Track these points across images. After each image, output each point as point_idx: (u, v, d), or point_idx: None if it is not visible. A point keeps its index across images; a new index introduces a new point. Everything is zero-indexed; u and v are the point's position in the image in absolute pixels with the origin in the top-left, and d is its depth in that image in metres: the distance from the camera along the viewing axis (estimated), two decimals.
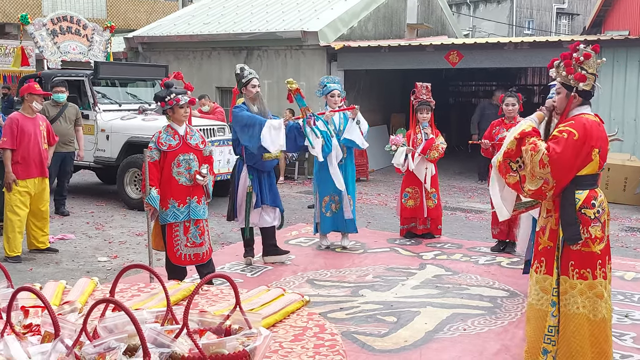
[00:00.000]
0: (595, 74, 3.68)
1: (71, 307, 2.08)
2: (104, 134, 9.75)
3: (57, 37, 10.82)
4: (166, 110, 5.03)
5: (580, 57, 3.61)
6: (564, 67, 3.65)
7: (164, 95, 4.97)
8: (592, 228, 3.58)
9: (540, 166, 3.49)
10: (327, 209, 6.75)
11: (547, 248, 3.68)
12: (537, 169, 3.51)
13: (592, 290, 3.59)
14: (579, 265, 3.58)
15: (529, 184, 3.56)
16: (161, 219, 5.03)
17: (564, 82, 3.66)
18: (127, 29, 19.39)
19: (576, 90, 3.62)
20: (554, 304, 3.64)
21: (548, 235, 3.68)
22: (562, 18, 34.97)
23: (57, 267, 6.26)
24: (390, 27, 15.58)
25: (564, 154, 3.47)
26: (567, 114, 3.67)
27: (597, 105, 11.10)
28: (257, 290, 2.54)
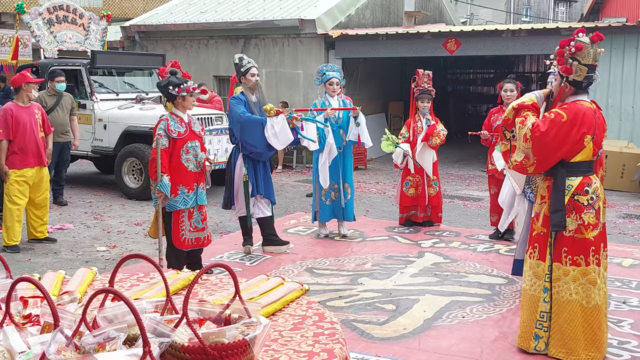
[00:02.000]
0: (593, 63, 3.67)
1: (70, 297, 2.08)
2: (101, 124, 9.72)
3: (53, 26, 10.76)
4: (177, 97, 5.05)
5: (572, 49, 3.65)
6: (557, 56, 3.73)
7: (180, 82, 5.00)
8: (585, 215, 3.61)
9: (523, 140, 3.65)
10: (327, 197, 6.75)
11: (541, 234, 3.74)
12: (521, 142, 3.67)
13: (585, 277, 3.63)
14: (572, 252, 3.62)
15: (516, 154, 3.74)
16: (169, 205, 5.09)
17: (558, 71, 3.76)
18: (123, 17, 19.29)
19: (567, 80, 3.69)
20: (546, 289, 3.69)
21: (542, 221, 3.73)
22: (559, 5, 34.85)
23: (56, 257, 6.27)
24: (388, 14, 15.51)
25: (547, 133, 3.57)
26: (559, 101, 3.76)
27: (595, 92, 11.10)
28: (256, 280, 2.55)
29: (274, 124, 5.79)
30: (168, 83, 5.04)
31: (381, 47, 12.70)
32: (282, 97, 12.91)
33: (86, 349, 1.51)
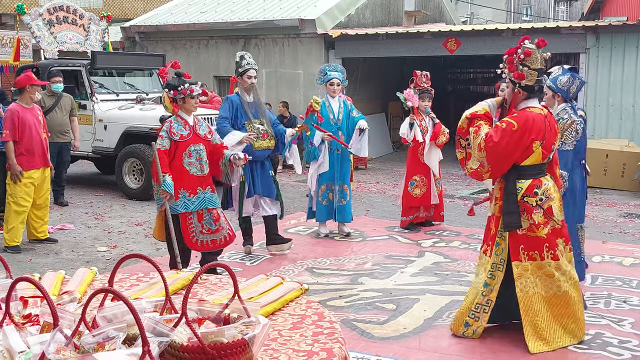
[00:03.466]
0: (542, 67, 3.88)
1: (70, 297, 2.08)
2: (101, 124, 9.73)
3: (53, 27, 10.76)
4: (177, 99, 4.98)
5: (521, 55, 3.85)
6: (507, 63, 3.91)
7: (178, 84, 4.93)
8: (534, 215, 3.88)
9: (478, 149, 3.85)
10: (324, 197, 6.76)
11: (492, 232, 4.01)
12: (475, 151, 3.88)
13: (541, 270, 3.90)
14: (527, 248, 3.89)
15: (471, 162, 3.95)
16: (172, 208, 5.00)
17: (509, 77, 3.94)
18: (123, 18, 19.29)
19: (519, 86, 3.88)
20: (486, 285, 3.98)
21: (494, 221, 4.00)
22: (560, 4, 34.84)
23: (57, 257, 6.27)
24: (388, 14, 15.51)
25: (499, 143, 3.78)
26: (514, 106, 3.94)
27: (595, 92, 11.11)
28: (255, 279, 2.55)
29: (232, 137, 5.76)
30: (167, 85, 5.02)
31: (381, 47, 12.70)
32: (282, 97, 12.91)
33: (85, 348, 1.52)
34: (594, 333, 4.20)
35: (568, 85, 4.91)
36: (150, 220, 7.84)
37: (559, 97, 4.93)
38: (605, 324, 4.38)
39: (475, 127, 3.91)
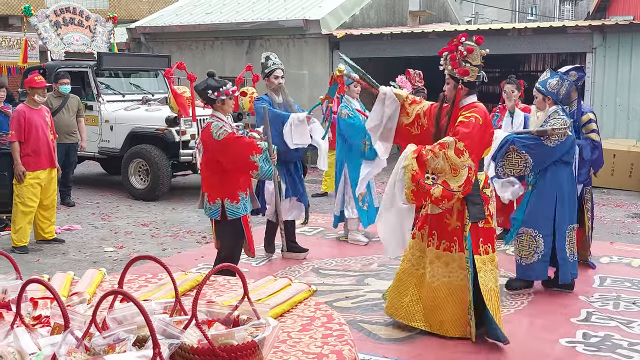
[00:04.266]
0: (481, 64, 3.95)
1: (80, 298, 2.08)
2: (108, 125, 9.75)
3: (60, 28, 10.81)
4: (217, 101, 4.59)
5: (464, 52, 3.89)
6: (450, 60, 3.94)
7: (219, 85, 4.64)
8: (490, 206, 3.95)
9: (458, 155, 3.68)
10: (364, 202, 6.52)
11: (457, 228, 3.96)
12: (457, 161, 3.69)
13: (492, 263, 3.99)
14: (485, 241, 3.93)
15: (455, 182, 3.70)
16: (232, 213, 4.59)
17: (451, 74, 3.95)
18: (129, 19, 19.34)
19: (462, 82, 3.92)
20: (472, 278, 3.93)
21: (456, 215, 3.94)
22: (565, 3, 34.73)
23: (64, 257, 6.29)
24: (393, 14, 15.49)
25: (474, 135, 3.76)
26: (458, 103, 3.95)
27: (602, 91, 11.05)
28: (264, 280, 2.55)
29: (293, 121, 5.57)
30: (206, 87, 4.61)
31: (386, 47, 12.68)
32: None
33: (96, 350, 1.52)
34: (603, 335, 4.18)
35: (557, 87, 4.93)
36: (157, 221, 7.85)
37: (549, 100, 4.94)
38: (615, 325, 4.36)
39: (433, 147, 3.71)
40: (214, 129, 4.47)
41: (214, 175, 4.59)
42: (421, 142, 4.09)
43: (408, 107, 4.21)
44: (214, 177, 4.59)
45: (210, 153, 4.55)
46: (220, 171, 4.57)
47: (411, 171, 3.67)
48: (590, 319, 4.49)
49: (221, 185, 4.58)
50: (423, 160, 3.68)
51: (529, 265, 4.96)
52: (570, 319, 4.49)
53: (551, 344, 4.08)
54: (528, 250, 4.93)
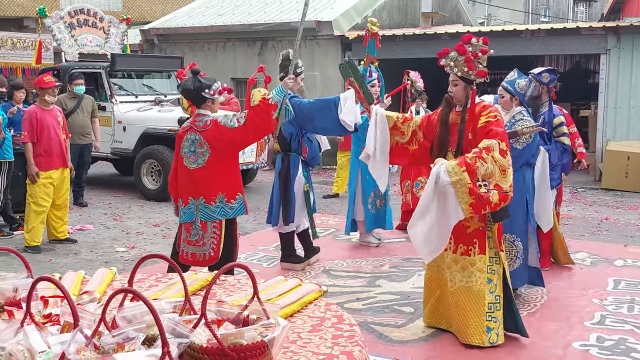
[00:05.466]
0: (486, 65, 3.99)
1: (90, 297, 2.08)
2: (120, 126, 9.80)
3: (74, 30, 10.89)
4: (208, 99, 4.48)
5: (478, 54, 3.89)
6: (465, 62, 3.89)
7: (211, 83, 4.49)
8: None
9: (503, 155, 3.68)
10: (373, 205, 6.43)
11: (479, 229, 3.89)
12: (503, 161, 3.67)
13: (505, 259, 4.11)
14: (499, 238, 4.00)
15: (506, 183, 3.68)
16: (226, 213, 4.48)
17: (463, 76, 3.90)
18: (142, 21, 19.45)
19: (475, 83, 3.93)
20: (490, 281, 3.90)
21: (478, 217, 3.85)
22: (579, 5, 34.50)
23: (76, 257, 6.32)
24: (405, 16, 15.45)
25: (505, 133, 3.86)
26: (473, 103, 3.91)
27: (617, 93, 10.95)
28: (274, 280, 2.53)
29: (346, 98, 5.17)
30: (201, 85, 4.45)
31: (398, 48, 12.64)
32: None
33: (105, 349, 1.51)
34: (618, 338, 4.14)
35: (526, 88, 4.91)
36: (168, 222, 7.88)
37: (517, 100, 4.87)
38: (629, 329, 4.31)
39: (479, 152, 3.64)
40: (224, 121, 4.41)
41: (227, 172, 4.49)
42: (418, 156, 4.17)
43: (402, 126, 4.21)
44: (227, 173, 4.49)
45: (224, 148, 4.42)
46: (230, 165, 4.52)
47: (466, 185, 3.55)
48: (604, 322, 4.44)
49: (234, 180, 4.54)
50: (473, 170, 3.57)
51: (514, 272, 4.73)
52: (584, 322, 4.45)
53: (564, 347, 4.04)
54: (509, 257, 4.75)
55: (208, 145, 4.42)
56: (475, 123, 3.85)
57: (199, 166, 4.44)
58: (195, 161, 4.45)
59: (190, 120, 4.57)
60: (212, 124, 4.43)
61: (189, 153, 4.48)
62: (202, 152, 4.44)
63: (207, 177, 4.44)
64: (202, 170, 4.44)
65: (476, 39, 3.95)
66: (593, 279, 5.45)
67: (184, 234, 4.59)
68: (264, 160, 10.20)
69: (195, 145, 4.44)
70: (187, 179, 4.51)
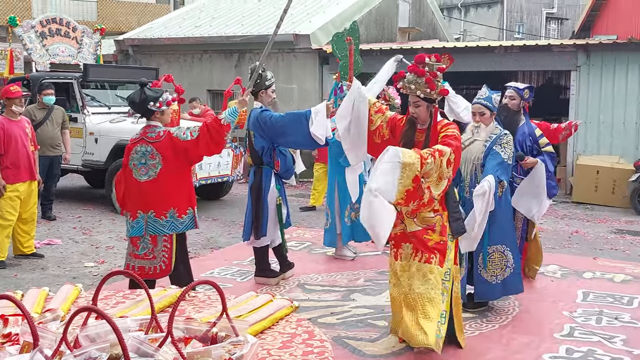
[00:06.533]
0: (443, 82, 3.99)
1: (53, 315, 2.03)
2: (92, 137, 9.67)
3: (45, 39, 10.74)
4: (156, 112, 4.39)
5: (437, 73, 3.89)
6: (426, 83, 3.86)
7: (159, 94, 4.36)
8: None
9: (447, 165, 3.69)
10: (348, 218, 6.40)
11: (440, 243, 3.93)
12: (444, 171, 3.69)
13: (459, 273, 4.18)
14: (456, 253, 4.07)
15: (437, 190, 3.70)
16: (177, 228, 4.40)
17: (426, 96, 3.88)
18: (117, 31, 19.30)
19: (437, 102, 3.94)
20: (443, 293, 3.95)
21: (440, 231, 3.91)
22: (551, 22, 35.18)
23: (43, 272, 6.18)
24: (382, 30, 15.59)
25: (459, 150, 3.85)
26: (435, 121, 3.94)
27: (587, 109, 11.16)
28: (245, 296, 2.50)
29: (317, 112, 5.17)
30: (147, 98, 4.32)
31: (375, 63, 12.61)
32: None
33: None
34: (586, 350, 4.17)
35: (498, 103, 4.95)
36: None
37: (493, 115, 4.89)
38: (597, 340, 4.35)
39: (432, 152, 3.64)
40: (177, 133, 4.31)
41: (179, 185, 4.38)
42: (376, 151, 3.97)
43: (373, 115, 4.15)
44: (179, 186, 4.38)
45: (177, 160, 4.31)
46: (183, 178, 4.41)
47: (415, 172, 3.51)
48: (573, 334, 4.48)
49: (187, 193, 4.43)
50: (423, 163, 3.55)
51: (506, 280, 4.87)
52: (553, 334, 4.48)
53: (534, 359, 4.06)
54: (500, 267, 4.88)
55: (160, 157, 4.30)
56: (436, 141, 3.88)
57: (150, 178, 4.32)
58: (146, 173, 4.33)
59: (141, 132, 4.43)
60: (166, 135, 4.32)
61: (139, 165, 4.35)
62: (154, 164, 4.31)
63: (158, 191, 4.31)
64: (153, 183, 4.32)
65: (428, 57, 3.93)
66: (563, 292, 5.51)
67: (131, 247, 4.49)
68: (239, 173, 10.15)
69: (147, 157, 4.32)
70: (136, 192, 4.38)
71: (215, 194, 10.41)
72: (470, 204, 4.84)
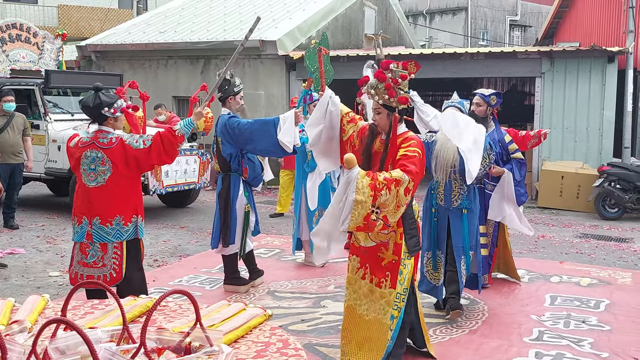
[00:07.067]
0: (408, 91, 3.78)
1: (20, 327, 1.96)
2: (55, 145, 9.46)
3: (5, 44, 10.50)
4: (109, 117, 4.29)
5: (398, 80, 3.69)
6: (385, 90, 3.68)
7: (113, 101, 4.29)
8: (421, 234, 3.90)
9: (406, 194, 3.44)
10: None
11: (392, 262, 3.70)
12: (403, 200, 3.45)
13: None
14: (415, 270, 3.86)
15: (393, 218, 3.50)
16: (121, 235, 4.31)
17: (385, 103, 3.69)
18: (79, 37, 19.01)
19: (397, 110, 3.70)
20: (393, 317, 3.67)
21: (392, 249, 3.68)
22: (515, 30, 35.88)
23: (6, 282, 6.01)
24: (349, 37, 15.67)
25: (419, 173, 3.56)
26: (396, 132, 3.71)
27: (551, 115, 11.39)
28: (217, 305, 2.46)
29: (285, 119, 5.16)
30: (101, 103, 4.26)
31: (342, 69, 12.74)
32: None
33: None
34: (555, 354, 4.23)
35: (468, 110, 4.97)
36: None
37: None
38: (566, 344, 4.41)
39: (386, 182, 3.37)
40: (129, 140, 4.23)
41: (127, 193, 4.30)
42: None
43: (346, 125, 4.00)
44: (127, 195, 4.30)
45: (128, 168, 4.23)
46: (131, 186, 4.32)
47: (366, 209, 3.32)
48: (542, 338, 4.54)
49: (134, 202, 4.34)
50: (376, 196, 3.34)
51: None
52: (523, 338, 4.53)
53: None
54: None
55: (111, 164, 4.22)
56: (395, 155, 3.66)
57: (98, 185, 4.23)
58: (95, 179, 4.24)
59: (91, 136, 4.34)
60: (118, 142, 4.24)
61: (88, 171, 4.26)
62: (103, 171, 4.23)
63: (106, 197, 4.24)
64: (101, 189, 4.23)
65: (395, 63, 3.75)
66: (531, 295, 5.58)
67: (79, 255, 4.37)
68: (206, 180, 10.05)
69: (97, 162, 4.24)
70: (84, 197, 4.29)
71: (182, 201, 10.28)
72: (444, 212, 4.86)
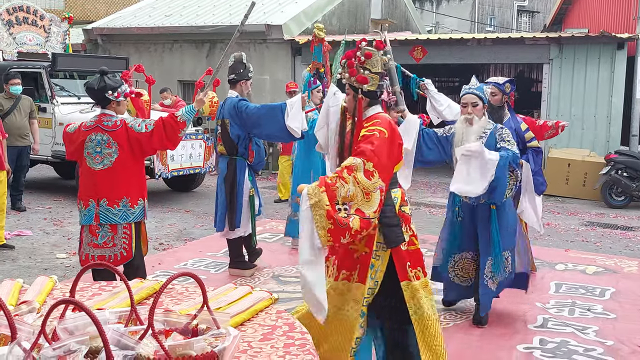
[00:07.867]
0: (383, 71, 3.45)
1: (29, 307, 1.97)
2: (62, 128, 9.45)
3: (12, 27, 10.49)
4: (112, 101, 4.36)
5: (361, 57, 3.37)
6: (347, 68, 3.41)
7: (118, 85, 4.35)
8: (412, 225, 3.40)
9: (369, 177, 3.10)
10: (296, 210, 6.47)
11: (363, 254, 3.35)
12: (368, 184, 3.09)
13: (425, 288, 3.38)
14: (414, 265, 3.35)
15: (369, 208, 3.09)
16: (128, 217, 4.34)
17: (350, 84, 3.40)
18: (85, 20, 18.96)
19: (361, 91, 3.37)
20: (363, 314, 3.32)
21: (365, 240, 3.31)
22: (522, 15, 35.61)
23: (14, 264, 6.06)
24: (355, 21, 15.58)
25: (380, 152, 3.17)
26: (361, 115, 3.40)
27: (558, 102, 11.32)
28: (223, 288, 2.47)
29: (292, 105, 5.17)
30: (106, 86, 4.32)
31: None
32: None
33: None
34: (559, 341, 4.24)
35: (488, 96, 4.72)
36: None
37: (485, 107, 4.60)
38: (570, 332, 4.42)
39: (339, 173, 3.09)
40: (132, 124, 4.29)
41: (133, 175, 4.34)
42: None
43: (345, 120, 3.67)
44: (133, 177, 4.35)
45: (132, 150, 4.28)
46: (137, 169, 4.37)
47: (324, 207, 2.96)
48: (546, 325, 4.55)
49: (139, 184, 4.40)
50: (332, 191, 3.00)
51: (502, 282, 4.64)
52: (527, 325, 4.54)
53: (508, 350, 4.11)
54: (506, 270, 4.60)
55: (117, 146, 4.25)
56: (358, 136, 3.36)
57: (104, 167, 4.27)
58: (101, 162, 4.27)
59: (95, 119, 4.39)
60: (122, 125, 4.29)
61: (94, 154, 4.29)
62: (110, 153, 4.26)
63: (113, 179, 4.27)
64: (107, 172, 4.27)
65: (365, 42, 3.44)
66: (536, 283, 5.58)
67: (88, 237, 4.43)
68: (212, 164, 10.07)
69: (103, 145, 4.27)
70: (90, 180, 4.34)
71: (188, 185, 10.31)
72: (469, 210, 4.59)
